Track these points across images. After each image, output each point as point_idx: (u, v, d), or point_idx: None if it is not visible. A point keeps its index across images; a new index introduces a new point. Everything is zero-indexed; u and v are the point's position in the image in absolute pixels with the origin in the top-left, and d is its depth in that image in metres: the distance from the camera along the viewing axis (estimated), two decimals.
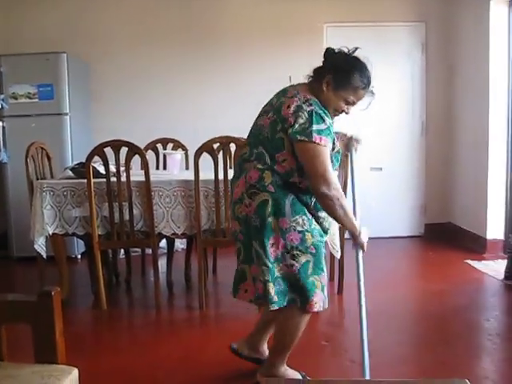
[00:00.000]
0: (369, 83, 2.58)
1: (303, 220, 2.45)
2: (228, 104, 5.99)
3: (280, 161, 2.43)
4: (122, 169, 3.76)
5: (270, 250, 2.44)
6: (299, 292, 2.49)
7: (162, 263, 4.51)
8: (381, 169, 6.13)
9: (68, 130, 5.29)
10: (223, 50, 5.98)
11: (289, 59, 5.68)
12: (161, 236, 3.95)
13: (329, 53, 2.67)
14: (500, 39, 5.15)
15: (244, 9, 6.00)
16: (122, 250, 4.96)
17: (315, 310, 2.51)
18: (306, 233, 2.46)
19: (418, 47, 6.10)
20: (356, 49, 2.66)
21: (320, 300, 2.51)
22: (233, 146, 3.70)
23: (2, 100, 5.21)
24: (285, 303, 2.50)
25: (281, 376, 2.65)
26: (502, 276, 4.40)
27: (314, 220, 2.51)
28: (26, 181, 4.16)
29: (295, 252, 2.45)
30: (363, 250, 2.60)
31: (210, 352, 3.17)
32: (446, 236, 6.00)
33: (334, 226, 3.65)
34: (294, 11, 5.96)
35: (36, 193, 3.83)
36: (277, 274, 2.46)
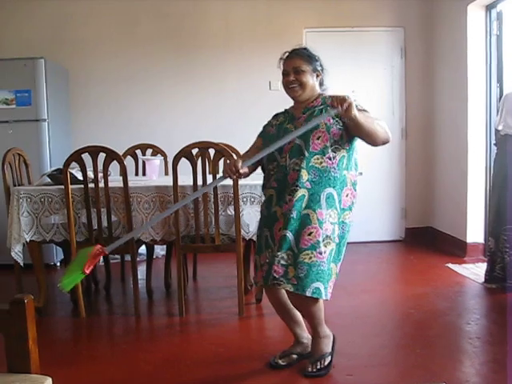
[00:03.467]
0: (285, 53, 2.93)
1: (334, 213, 2.74)
2: (207, 109, 5.99)
3: None
4: (101, 175, 3.72)
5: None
6: (323, 280, 2.70)
7: (142, 270, 4.48)
8: (361, 173, 6.08)
9: (46, 137, 5.23)
10: (203, 56, 5.97)
11: (268, 64, 5.63)
12: (140, 242, 3.91)
13: None
14: (477, 44, 5.20)
15: (223, 15, 6.00)
16: (101, 257, 4.90)
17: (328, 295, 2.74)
18: (335, 225, 2.74)
19: (397, 52, 6.14)
20: None
21: (332, 286, 2.77)
22: (212, 151, 3.68)
23: None
24: (306, 292, 2.68)
25: (325, 334, 2.93)
26: (482, 279, 4.42)
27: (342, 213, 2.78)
28: (2, 188, 4.11)
29: (328, 240, 2.73)
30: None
31: (190, 358, 3.14)
32: (427, 240, 6.03)
33: None
34: (274, 17, 5.98)
35: (13, 200, 3.78)
36: (306, 260, 2.68)
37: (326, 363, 2.88)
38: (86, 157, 3.67)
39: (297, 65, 2.83)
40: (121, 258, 4.83)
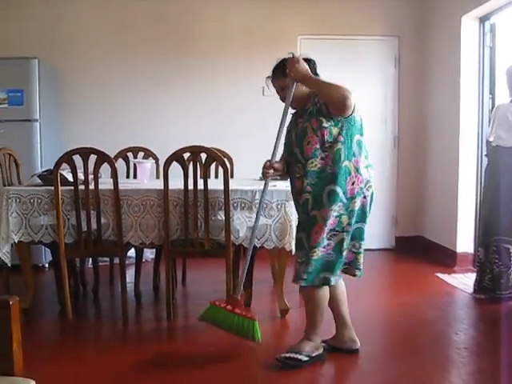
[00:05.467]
0: (272, 72, 3.11)
1: (339, 207, 2.86)
2: (200, 114, 5.98)
3: None
4: (91, 177, 3.70)
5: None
6: (331, 269, 2.92)
7: (131, 273, 4.45)
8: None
9: (38, 137, 5.21)
10: (196, 60, 5.97)
11: (262, 70, 5.61)
12: (129, 245, 3.89)
13: None
14: (471, 54, 5.23)
15: (218, 20, 6.02)
16: (90, 259, 4.89)
17: (354, 274, 3.05)
18: (343, 216, 2.87)
19: (391, 61, 6.16)
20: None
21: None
22: (203, 156, 3.67)
23: None
24: (316, 282, 2.91)
25: (314, 340, 3.05)
26: (471, 289, 4.43)
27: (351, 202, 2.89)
28: None
29: (332, 233, 2.89)
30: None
31: (177, 362, 3.12)
32: (417, 249, 6.04)
33: None
34: (268, 23, 5.99)
35: (2, 200, 3.74)
36: (314, 257, 2.87)
37: (299, 357, 2.95)
38: (77, 158, 3.65)
39: (278, 83, 3.05)
40: (109, 261, 4.80)
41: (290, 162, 3.04)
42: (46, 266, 5.34)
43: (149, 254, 5.41)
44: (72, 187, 3.67)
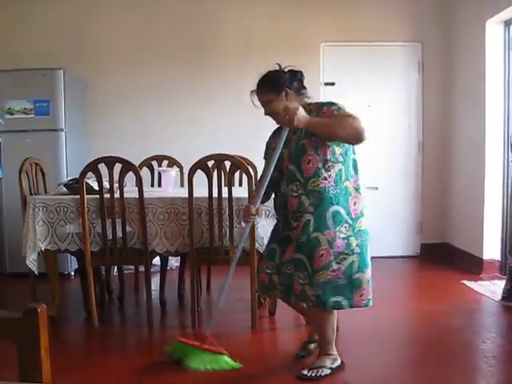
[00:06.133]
0: (257, 86, 3.01)
1: (345, 228, 2.79)
2: (225, 122, 6.01)
3: None
4: (116, 185, 3.73)
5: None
6: (343, 292, 2.80)
7: (156, 281, 4.47)
8: (377, 188, 6.12)
9: (63, 146, 5.28)
10: (220, 69, 6.00)
11: None
12: (154, 253, 3.91)
13: None
14: (496, 59, 5.17)
15: (243, 28, 6.04)
16: (116, 267, 4.92)
17: (362, 304, 2.85)
18: (350, 238, 2.79)
19: (415, 66, 6.12)
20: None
21: (367, 293, 2.85)
22: (227, 164, 3.68)
23: None
24: (326, 308, 2.82)
25: (333, 354, 3.01)
26: (499, 297, 4.37)
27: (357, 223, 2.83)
28: (19, 196, 4.14)
29: (342, 256, 2.79)
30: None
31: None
32: (442, 256, 5.97)
33: None
34: (292, 30, 6.00)
35: (29, 208, 3.80)
36: (322, 280, 2.78)
37: (323, 374, 2.92)
38: (103, 167, 3.69)
39: (262, 99, 2.97)
40: (135, 269, 4.83)
41: (278, 179, 2.95)
42: (72, 273, 5.39)
43: (173, 261, 5.43)
44: (97, 196, 3.71)
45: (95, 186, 3.75)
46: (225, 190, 3.65)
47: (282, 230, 2.99)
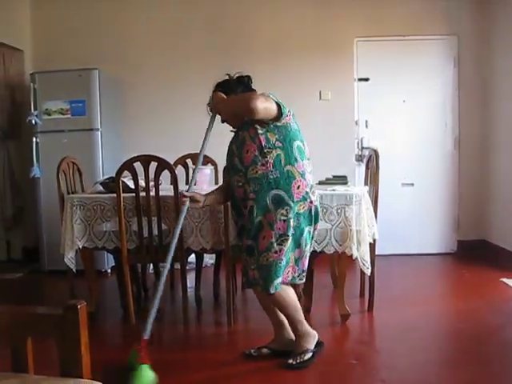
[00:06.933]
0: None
1: (286, 210, 2.89)
2: None
3: None
4: (152, 184, 3.76)
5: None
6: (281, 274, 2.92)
7: (191, 278, 4.49)
8: (412, 184, 6.05)
9: (99, 146, 5.36)
10: (252, 67, 5.95)
11: (320, 74, 5.68)
12: (189, 251, 3.93)
13: None
14: None
15: (275, 26, 6.03)
16: (151, 265, 4.96)
17: (288, 280, 2.98)
18: (290, 220, 2.90)
19: (450, 61, 6.03)
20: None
21: (294, 271, 2.99)
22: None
23: (36, 116, 5.32)
24: (270, 290, 2.91)
25: (306, 332, 3.12)
26: None
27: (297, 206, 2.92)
28: (57, 195, 4.21)
29: (283, 238, 2.90)
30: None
31: (239, 368, 3.13)
32: (480, 253, 5.87)
33: (364, 244, 3.60)
34: (324, 26, 5.96)
35: (66, 207, 3.86)
36: (265, 262, 2.91)
37: (306, 358, 3.05)
38: (138, 166, 3.72)
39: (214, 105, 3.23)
40: (170, 266, 4.85)
41: (231, 175, 3.11)
42: (109, 271, 5.46)
43: (208, 259, 5.45)
44: (133, 194, 3.75)
45: (131, 185, 3.78)
46: None
47: (238, 222, 3.17)
